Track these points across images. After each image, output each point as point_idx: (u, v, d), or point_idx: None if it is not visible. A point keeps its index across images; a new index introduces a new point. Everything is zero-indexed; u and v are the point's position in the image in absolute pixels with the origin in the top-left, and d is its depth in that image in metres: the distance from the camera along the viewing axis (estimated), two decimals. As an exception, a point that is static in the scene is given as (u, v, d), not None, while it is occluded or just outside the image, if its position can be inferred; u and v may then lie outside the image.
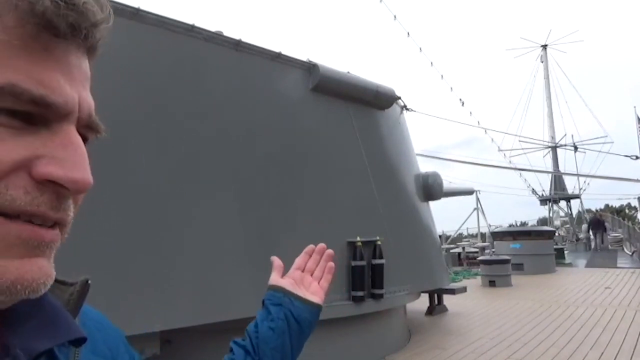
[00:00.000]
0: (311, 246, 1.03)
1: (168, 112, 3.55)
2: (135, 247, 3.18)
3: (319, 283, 0.99)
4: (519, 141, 30.37)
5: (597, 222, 23.14)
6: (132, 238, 3.18)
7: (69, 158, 0.38)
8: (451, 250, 18.45)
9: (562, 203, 32.74)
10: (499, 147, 23.41)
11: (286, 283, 0.95)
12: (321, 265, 1.01)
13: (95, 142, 0.47)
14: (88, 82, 0.43)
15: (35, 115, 0.37)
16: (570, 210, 32.98)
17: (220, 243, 3.66)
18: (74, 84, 0.40)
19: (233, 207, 3.83)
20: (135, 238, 3.20)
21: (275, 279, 0.97)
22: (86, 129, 0.43)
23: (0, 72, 0.35)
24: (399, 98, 6.02)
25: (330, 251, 1.02)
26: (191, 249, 3.46)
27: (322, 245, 1.02)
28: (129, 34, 3.28)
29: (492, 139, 20.83)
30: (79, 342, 0.47)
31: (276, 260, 1.01)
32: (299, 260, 1.02)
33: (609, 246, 22.83)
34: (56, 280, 0.49)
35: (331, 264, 1.01)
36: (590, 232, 23.17)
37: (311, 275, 1.00)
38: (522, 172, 27.01)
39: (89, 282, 0.52)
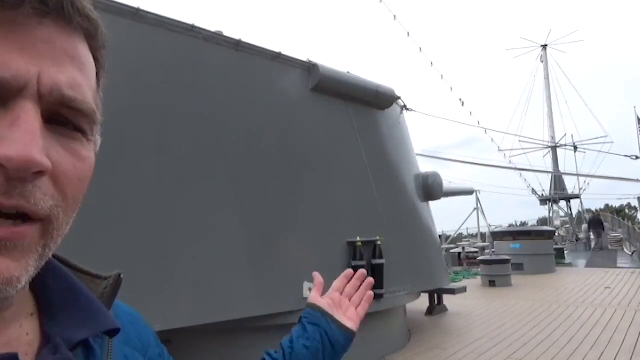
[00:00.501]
0: (350, 271, 1.03)
1: (168, 112, 3.55)
2: (135, 247, 3.18)
3: (356, 309, 1.00)
4: (519, 141, 30.39)
5: (596, 221, 23.49)
6: (132, 238, 3.18)
7: (12, 136, 0.34)
8: (451, 250, 18.45)
9: (562, 203, 32.75)
10: (499, 147, 23.42)
11: (324, 304, 0.96)
12: (360, 293, 1.02)
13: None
14: (69, 59, 0.39)
15: None
16: (570, 210, 32.99)
17: (220, 243, 3.66)
18: (35, 59, 0.37)
19: (233, 207, 3.83)
20: (135, 238, 3.20)
21: (315, 297, 0.97)
22: (62, 109, 0.39)
23: None
24: (399, 98, 6.02)
25: (370, 279, 1.04)
26: (191, 248, 3.46)
27: (362, 271, 1.03)
28: (129, 34, 3.29)
29: (492, 139, 20.84)
30: (113, 332, 0.49)
31: (317, 277, 1.01)
32: (337, 283, 1.01)
33: (609, 246, 22.85)
34: (91, 274, 0.53)
35: (370, 293, 1.02)
36: (591, 232, 23.43)
37: (349, 300, 1.01)
38: (522, 172, 27.02)
39: (122, 276, 0.54)
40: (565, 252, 19.35)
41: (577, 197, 32.24)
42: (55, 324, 0.45)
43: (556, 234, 21.61)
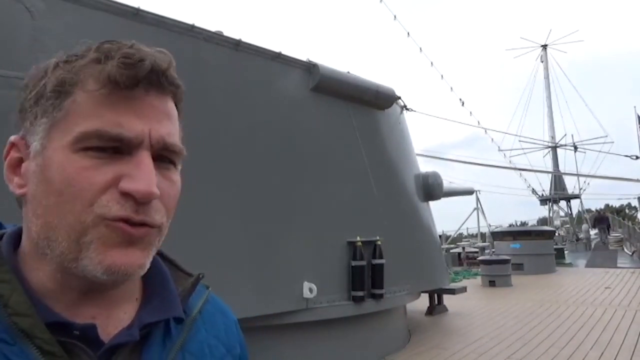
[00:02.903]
0: None
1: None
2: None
3: None
4: (519, 141, 30.41)
5: (601, 218, 24.83)
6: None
7: (138, 175, 0.51)
8: (451, 250, 18.45)
9: (562, 203, 32.78)
10: (499, 147, 23.44)
11: None
12: None
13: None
14: (166, 117, 0.56)
15: (121, 147, 0.52)
16: (570, 210, 33.01)
17: (220, 243, 3.66)
18: (145, 120, 0.53)
19: (233, 207, 3.83)
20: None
21: None
22: (164, 151, 0.56)
23: (90, 121, 0.51)
24: (399, 98, 6.02)
25: None
26: (191, 248, 3.46)
27: None
28: (129, 34, 3.28)
29: (492, 139, 20.85)
30: (179, 320, 0.61)
31: None
32: None
33: (609, 246, 22.86)
34: (183, 271, 0.69)
35: None
36: (596, 228, 24.47)
37: None
38: (522, 172, 27.02)
39: (201, 276, 0.69)
40: (565, 252, 19.35)
41: (577, 197, 32.25)
42: (143, 310, 0.60)
43: (556, 234, 21.61)
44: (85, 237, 0.50)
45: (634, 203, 41.86)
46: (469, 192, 15.01)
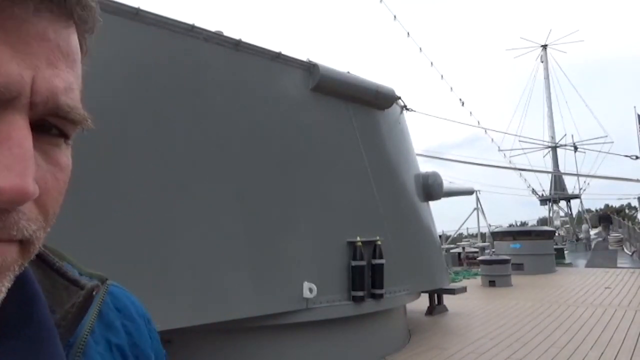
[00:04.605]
0: None
1: (168, 112, 3.55)
2: (135, 247, 3.18)
3: None
4: (519, 141, 30.42)
5: (606, 216, 27.21)
6: (131, 238, 3.18)
7: (4, 161, 0.29)
8: (451, 250, 18.46)
9: (562, 203, 32.76)
10: (499, 147, 23.45)
11: None
12: None
13: (85, 137, 0.38)
14: (64, 58, 0.34)
15: None
16: (570, 210, 32.99)
17: (220, 243, 3.66)
18: (28, 59, 0.31)
19: (233, 207, 3.83)
20: (135, 238, 3.20)
21: None
22: (53, 118, 0.33)
23: None
24: (399, 98, 6.02)
25: None
26: (191, 249, 3.46)
27: None
28: (129, 34, 3.29)
29: (492, 139, 20.86)
30: None
31: None
32: None
33: (609, 246, 22.89)
34: (69, 279, 0.44)
35: None
36: (600, 226, 26.07)
37: None
38: (522, 172, 27.02)
39: (103, 284, 0.46)
40: (565, 252, 19.37)
41: (577, 197, 32.24)
42: (3, 352, 0.36)
43: (556, 234, 21.62)
44: None
45: (634, 203, 41.88)
46: (469, 192, 15.01)
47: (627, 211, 50.78)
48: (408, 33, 13.10)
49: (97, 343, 0.44)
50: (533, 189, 32.45)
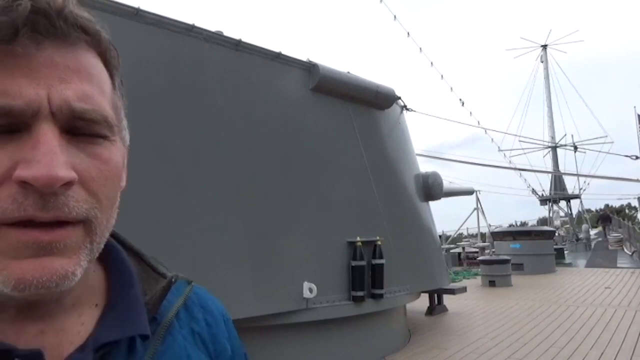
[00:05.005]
0: None
1: (168, 112, 3.55)
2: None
3: None
4: (519, 141, 30.41)
5: (605, 216, 28.19)
6: (131, 238, 3.18)
7: (35, 157, 0.38)
8: (451, 250, 18.46)
9: (562, 203, 32.74)
10: (499, 147, 23.44)
11: None
12: None
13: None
14: (74, 73, 0.42)
15: (14, 123, 0.39)
16: (570, 210, 32.98)
17: (220, 243, 3.66)
18: (41, 81, 0.40)
19: (233, 207, 3.83)
20: (134, 238, 3.19)
21: None
22: (77, 121, 0.42)
23: None
24: (399, 98, 6.02)
25: None
26: (191, 249, 3.46)
27: None
28: (129, 34, 3.29)
29: (492, 139, 20.84)
30: (145, 337, 0.50)
31: None
32: None
33: (609, 246, 22.89)
34: (157, 271, 0.57)
35: None
36: (600, 225, 26.85)
37: None
38: (522, 172, 27.02)
39: (174, 279, 0.57)
40: (565, 252, 19.36)
41: (577, 197, 32.24)
42: (101, 324, 0.49)
43: (556, 234, 21.62)
44: None
45: (634, 203, 41.88)
46: (469, 192, 15.02)
47: (627, 211, 50.80)
48: (408, 33, 13.09)
49: (182, 327, 0.56)
50: (533, 189, 32.46)
